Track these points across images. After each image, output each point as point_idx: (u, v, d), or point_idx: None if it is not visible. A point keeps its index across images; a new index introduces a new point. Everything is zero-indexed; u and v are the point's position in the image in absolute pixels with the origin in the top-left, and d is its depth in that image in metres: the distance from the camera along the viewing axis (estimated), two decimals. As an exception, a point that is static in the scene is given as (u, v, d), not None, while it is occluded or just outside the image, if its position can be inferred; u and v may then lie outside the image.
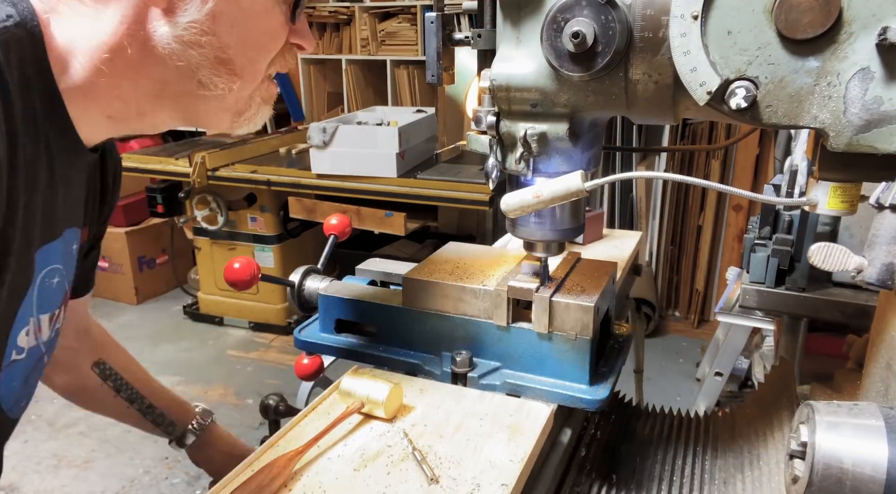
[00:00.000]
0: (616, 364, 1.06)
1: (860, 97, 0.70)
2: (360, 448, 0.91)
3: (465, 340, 1.06)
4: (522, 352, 1.03)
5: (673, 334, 4.29)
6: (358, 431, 0.95)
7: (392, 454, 0.89)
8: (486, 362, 1.06)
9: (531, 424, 0.95)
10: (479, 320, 1.05)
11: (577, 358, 0.99)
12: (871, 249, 0.83)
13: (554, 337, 1.00)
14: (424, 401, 1.01)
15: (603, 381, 1.01)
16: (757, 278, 1.65)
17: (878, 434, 0.69)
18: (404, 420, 0.97)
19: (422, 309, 1.09)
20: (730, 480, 1.05)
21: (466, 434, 0.93)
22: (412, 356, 1.10)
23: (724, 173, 4.11)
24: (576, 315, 0.97)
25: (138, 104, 0.78)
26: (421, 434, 0.93)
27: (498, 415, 0.97)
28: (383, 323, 1.12)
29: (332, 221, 1.30)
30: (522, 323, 1.03)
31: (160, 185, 4.12)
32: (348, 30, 4.88)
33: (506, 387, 1.02)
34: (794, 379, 1.20)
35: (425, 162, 3.84)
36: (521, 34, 0.85)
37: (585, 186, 0.85)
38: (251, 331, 4.35)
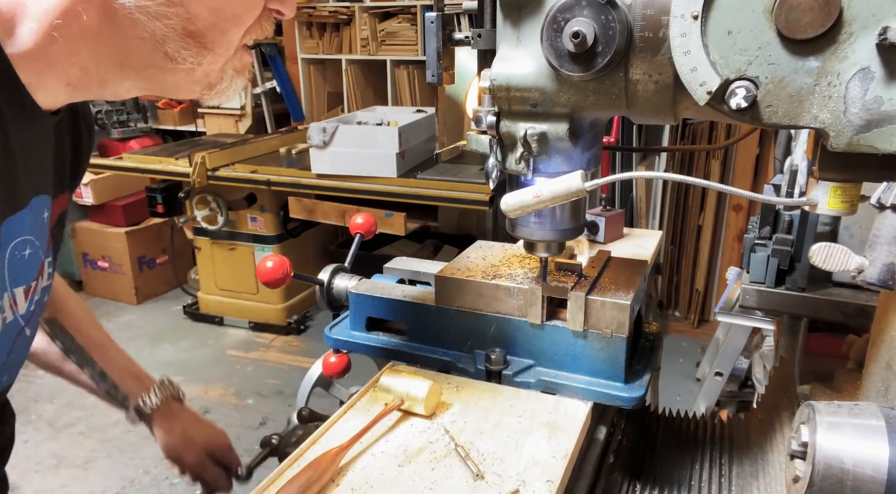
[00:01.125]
0: (650, 362, 1.07)
1: (860, 97, 0.70)
2: (403, 444, 0.92)
3: (499, 338, 1.07)
4: (557, 350, 1.04)
5: (673, 334, 4.28)
6: (398, 428, 0.96)
7: (435, 450, 0.90)
8: (519, 360, 1.06)
9: (570, 421, 0.96)
10: (513, 318, 1.06)
11: (612, 356, 1.00)
12: (872, 249, 0.83)
13: (589, 335, 1.00)
14: (461, 398, 1.02)
15: (638, 379, 1.02)
16: (757, 278, 1.65)
17: (878, 434, 0.69)
18: (443, 417, 0.98)
19: (455, 307, 1.10)
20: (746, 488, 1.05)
21: (506, 431, 0.94)
22: (445, 353, 1.11)
23: (724, 173, 4.11)
24: (612, 313, 0.98)
25: (99, 73, 0.74)
26: (461, 431, 0.94)
27: (536, 412, 0.98)
28: (416, 321, 1.13)
29: (358, 220, 1.31)
30: (557, 321, 1.03)
31: (160, 185, 4.12)
32: (348, 30, 4.87)
33: (541, 385, 1.03)
34: (795, 379, 1.20)
35: (425, 162, 3.84)
36: (521, 34, 0.85)
37: (585, 186, 0.85)
38: (251, 331, 4.35)
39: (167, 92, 0.79)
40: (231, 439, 1.31)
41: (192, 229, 4.31)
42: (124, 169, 4.16)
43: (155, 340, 4.29)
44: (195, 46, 0.72)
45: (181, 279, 4.75)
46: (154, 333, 4.39)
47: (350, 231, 1.32)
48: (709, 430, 1.23)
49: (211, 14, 0.71)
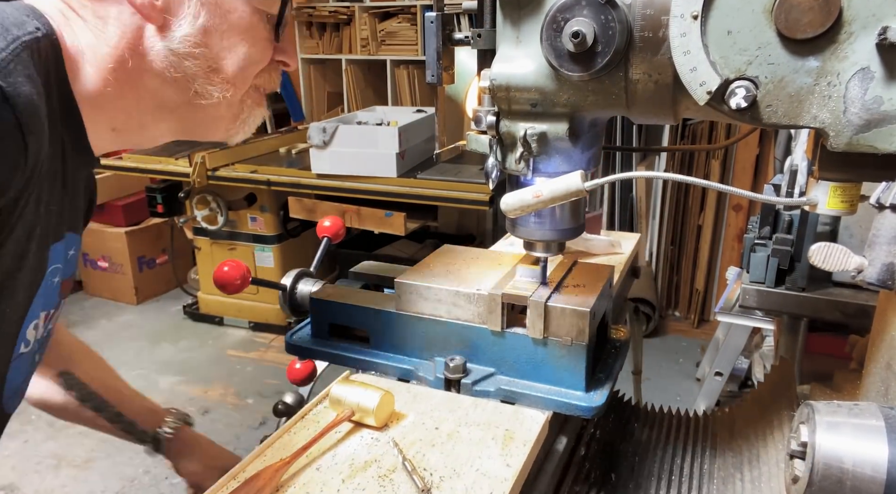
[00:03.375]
0: (613, 369, 1.04)
1: (860, 97, 0.70)
2: (350, 457, 0.89)
3: (459, 345, 1.05)
4: (517, 358, 1.01)
5: (673, 334, 4.28)
6: (348, 440, 0.93)
7: (382, 464, 0.87)
8: (480, 368, 1.04)
9: (525, 432, 0.93)
10: (474, 325, 1.03)
11: (572, 364, 0.97)
12: (871, 249, 0.83)
13: (549, 342, 0.98)
14: (416, 409, 0.99)
15: (599, 387, 0.99)
16: (757, 278, 1.65)
17: (878, 434, 0.69)
18: (395, 428, 0.95)
19: (415, 314, 1.07)
20: (728, 479, 1.05)
21: (459, 443, 0.91)
22: (405, 361, 1.08)
23: (724, 173, 4.11)
24: (571, 320, 0.96)
25: (140, 116, 0.83)
26: (412, 443, 0.91)
27: (491, 423, 0.95)
28: (376, 328, 1.11)
29: (325, 223, 1.29)
30: (517, 328, 1.01)
31: (160, 185, 4.12)
32: (348, 30, 4.87)
33: (500, 394, 1.00)
34: (795, 379, 1.20)
35: (425, 162, 3.84)
36: (520, 34, 0.85)
37: (585, 186, 0.85)
38: (251, 331, 4.35)
39: (197, 131, 0.88)
40: (231, 439, 1.31)
41: (192, 229, 4.31)
42: (124, 168, 4.16)
43: (155, 340, 4.29)
44: (219, 82, 0.82)
45: (181, 279, 4.75)
46: (154, 333, 4.39)
47: (318, 234, 1.28)
48: (692, 424, 1.23)
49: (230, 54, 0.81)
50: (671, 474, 1.09)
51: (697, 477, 1.08)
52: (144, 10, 0.76)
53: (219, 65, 0.81)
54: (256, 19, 0.82)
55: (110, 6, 0.76)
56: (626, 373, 1.98)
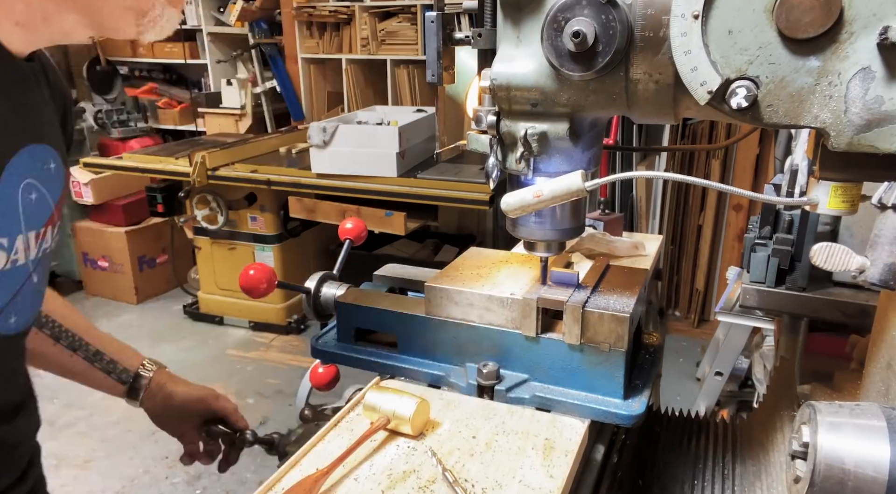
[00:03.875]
0: (649, 376, 1.01)
1: (861, 97, 0.69)
2: (387, 467, 0.86)
3: (491, 351, 1.02)
4: (552, 364, 0.98)
5: (673, 334, 4.28)
6: (384, 449, 0.90)
7: (421, 474, 0.84)
8: (513, 374, 1.01)
9: (566, 441, 0.90)
10: (507, 330, 1.01)
11: (610, 370, 0.94)
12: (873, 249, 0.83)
13: (586, 348, 0.95)
14: (451, 416, 0.97)
15: (637, 395, 0.97)
16: (757, 278, 1.64)
17: (879, 434, 0.69)
18: (431, 436, 0.92)
19: (446, 319, 1.04)
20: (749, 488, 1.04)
21: (498, 453, 0.88)
22: (435, 367, 1.06)
23: (725, 173, 4.11)
24: (610, 325, 0.93)
25: (42, 7, 0.77)
26: (450, 453, 0.88)
27: (530, 432, 0.92)
28: (405, 333, 1.08)
29: (348, 225, 1.26)
30: (552, 333, 0.99)
31: (160, 185, 4.12)
32: (348, 29, 4.87)
33: (535, 401, 0.98)
34: (795, 379, 1.20)
35: (425, 161, 3.84)
36: (521, 34, 0.85)
37: (585, 186, 0.85)
38: (251, 331, 4.35)
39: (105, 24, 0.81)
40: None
41: (192, 229, 4.31)
42: (124, 168, 4.16)
43: (155, 340, 4.29)
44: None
45: (181, 279, 4.75)
46: (154, 333, 4.39)
47: (339, 236, 1.26)
48: (712, 430, 1.23)
49: None
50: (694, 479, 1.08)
51: (720, 483, 1.06)
52: None
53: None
54: None
55: None
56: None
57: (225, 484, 2.88)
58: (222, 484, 2.89)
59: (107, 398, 1.24)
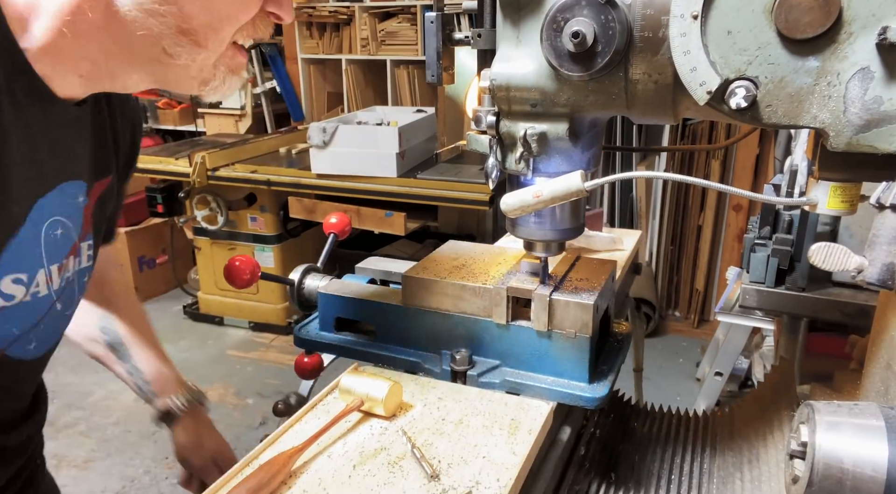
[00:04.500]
0: (615, 362, 1.06)
1: (860, 97, 0.70)
2: (360, 445, 0.91)
3: (465, 338, 1.07)
4: (522, 350, 1.03)
5: (673, 334, 4.28)
6: (357, 429, 0.95)
7: (391, 451, 0.89)
8: (485, 360, 1.06)
9: (531, 421, 0.95)
10: (479, 318, 1.05)
11: (576, 356, 0.99)
12: (871, 249, 0.83)
13: (553, 335, 1.00)
14: (424, 399, 1.01)
15: (602, 379, 1.01)
16: (757, 278, 1.65)
17: (878, 434, 0.69)
18: (404, 418, 0.97)
19: (421, 308, 1.09)
20: (728, 479, 1.05)
21: (465, 432, 0.93)
22: (411, 354, 1.10)
23: (724, 173, 4.11)
24: (575, 313, 0.98)
25: (108, 66, 0.80)
26: (420, 432, 0.93)
27: (497, 413, 0.97)
28: (383, 322, 1.13)
29: (332, 220, 1.30)
30: (522, 321, 1.03)
31: (160, 185, 4.12)
32: (348, 30, 4.87)
33: (505, 385, 1.02)
34: (795, 379, 1.20)
35: (425, 162, 3.84)
36: (520, 34, 0.85)
37: (585, 186, 0.85)
38: (251, 331, 4.35)
39: (169, 86, 0.84)
40: (231, 439, 1.32)
41: (192, 229, 4.31)
42: (124, 169, 4.15)
43: (155, 340, 4.29)
44: (189, 44, 0.76)
45: (181, 279, 4.75)
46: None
47: (324, 230, 1.29)
48: (692, 424, 1.23)
49: (203, 13, 0.75)
50: (671, 473, 1.10)
51: (697, 476, 1.08)
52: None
53: (189, 25, 0.75)
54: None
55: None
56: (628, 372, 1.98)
57: (225, 484, 2.88)
58: (222, 484, 2.88)
59: (107, 398, 1.30)
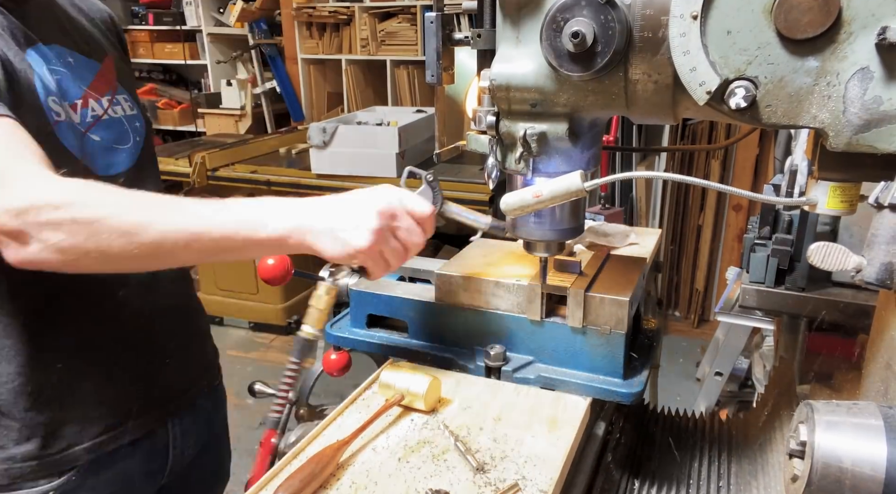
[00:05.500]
0: (648, 357, 1.07)
1: (859, 97, 0.70)
2: (402, 439, 0.93)
3: (498, 335, 1.08)
4: (556, 347, 1.04)
5: (673, 334, 4.28)
6: (398, 423, 0.96)
7: (435, 445, 0.90)
8: (519, 356, 1.07)
9: (570, 416, 0.96)
10: (513, 315, 1.06)
11: (611, 352, 1.00)
12: (870, 249, 0.83)
13: (588, 331, 1.01)
14: (461, 394, 1.02)
15: (636, 375, 1.02)
16: (757, 278, 1.64)
17: (877, 433, 0.69)
18: (443, 412, 0.98)
19: (455, 304, 1.10)
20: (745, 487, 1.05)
21: (506, 427, 0.94)
22: (445, 350, 1.11)
23: (724, 173, 4.11)
24: (610, 309, 0.99)
25: None
26: (461, 426, 0.94)
27: (535, 408, 0.98)
28: (416, 318, 1.14)
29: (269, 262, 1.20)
30: (556, 317, 1.04)
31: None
32: (348, 30, 4.87)
33: (540, 381, 1.03)
34: (795, 379, 1.20)
35: (425, 162, 3.84)
36: (520, 34, 0.85)
37: (585, 186, 0.85)
38: (251, 331, 4.35)
39: None
40: (231, 439, 1.30)
41: (193, 229, 4.31)
42: (124, 169, 4.15)
43: (155, 340, 4.29)
44: None
45: (181, 279, 4.74)
46: (154, 333, 4.39)
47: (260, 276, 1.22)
48: (708, 429, 1.23)
49: None
50: (689, 477, 1.10)
51: (716, 482, 1.08)
52: None
53: None
54: None
55: None
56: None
57: (225, 484, 2.87)
58: (222, 484, 2.88)
59: None
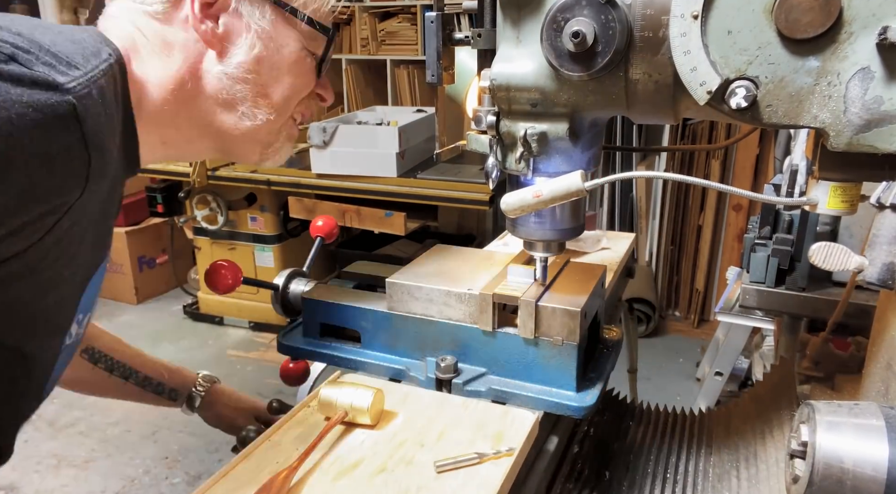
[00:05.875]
0: (604, 369, 1.04)
1: (860, 97, 0.70)
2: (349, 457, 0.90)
3: (451, 345, 1.05)
4: (508, 358, 1.01)
5: (673, 334, 4.28)
6: (345, 440, 0.93)
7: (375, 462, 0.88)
8: (471, 367, 1.04)
9: (515, 432, 0.93)
10: (465, 325, 1.03)
11: (563, 363, 0.97)
12: (871, 249, 0.83)
13: (540, 342, 0.98)
14: (408, 408, 0.99)
15: (591, 387, 0.99)
16: (757, 278, 1.65)
17: (878, 433, 0.69)
18: (387, 427, 0.95)
19: (406, 313, 1.07)
20: (724, 477, 1.05)
21: (449, 443, 0.91)
22: (396, 361, 1.08)
23: (724, 173, 4.11)
24: (562, 320, 0.96)
25: (189, 132, 0.90)
26: (402, 443, 0.92)
27: (482, 423, 0.95)
28: (367, 328, 1.11)
29: (318, 223, 1.28)
30: (508, 328, 1.01)
31: (160, 185, 4.12)
32: (348, 30, 4.87)
33: (491, 394, 1.00)
34: (795, 379, 1.20)
35: (425, 162, 3.84)
36: (521, 34, 0.85)
37: (585, 186, 0.85)
38: (251, 331, 4.35)
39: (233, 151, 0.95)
40: (231, 439, 1.32)
41: (192, 229, 4.31)
42: (124, 169, 4.15)
43: (155, 340, 4.29)
44: (265, 106, 0.90)
45: (181, 279, 4.75)
46: (154, 333, 4.39)
47: (311, 234, 1.28)
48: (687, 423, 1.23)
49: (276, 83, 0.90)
50: (666, 472, 1.10)
51: (692, 475, 1.08)
52: (207, 38, 0.85)
53: (266, 91, 0.89)
54: (304, 54, 0.91)
55: (177, 33, 0.84)
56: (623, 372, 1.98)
57: (225, 484, 2.88)
58: (222, 484, 2.88)
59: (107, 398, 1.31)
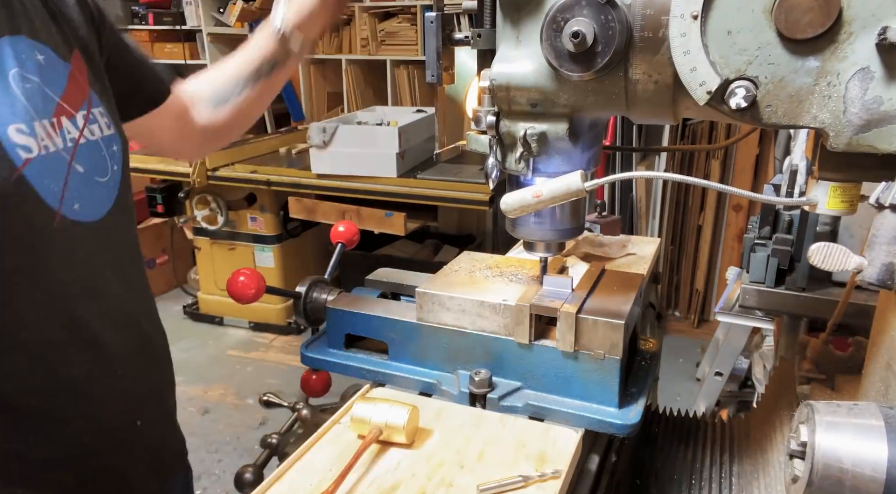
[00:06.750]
0: (646, 383, 0.99)
1: (860, 97, 0.70)
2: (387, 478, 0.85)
3: (484, 358, 1.00)
4: (545, 372, 0.97)
5: (673, 334, 4.28)
6: (381, 460, 0.89)
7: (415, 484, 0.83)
8: (506, 381, 0.99)
9: (559, 453, 0.88)
10: (500, 337, 0.99)
11: (605, 378, 0.93)
12: (870, 249, 0.83)
13: (580, 356, 0.94)
14: (442, 425, 0.95)
15: (633, 403, 0.94)
16: (757, 278, 1.65)
17: (878, 433, 0.69)
18: (423, 447, 0.91)
19: (437, 325, 1.03)
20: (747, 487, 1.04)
21: (490, 464, 0.87)
22: (427, 374, 1.04)
23: (724, 173, 4.11)
24: (604, 333, 0.91)
25: None
26: (440, 464, 0.87)
27: (522, 442, 0.91)
28: (395, 339, 1.07)
29: (340, 229, 1.25)
30: (546, 340, 0.97)
31: (160, 185, 4.12)
32: (348, 30, 4.87)
33: (528, 409, 0.96)
34: (795, 379, 1.20)
35: (425, 162, 3.84)
36: (520, 34, 0.85)
37: (585, 186, 0.85)
38: (251, 331, 4.35)
39: None
40: (231, 439, 1.30)
41: (192, 229, 4.31)
42: (124, 169, 4.15)
43: (155, 340, 4.29)
44: None
45: (181, 279, 4.75)
46: (154, 333, 4.39)
47: (332, 240, 1.25)
48: (710, 430, 1.23)
49: None
50: (691, 478, 1.08)
51: (717, 482, 1.06)
52: None
53: None
54: None
55: None
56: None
57: (225, 485, 2.88)
58: (222, 485, 2.88)
59: None
